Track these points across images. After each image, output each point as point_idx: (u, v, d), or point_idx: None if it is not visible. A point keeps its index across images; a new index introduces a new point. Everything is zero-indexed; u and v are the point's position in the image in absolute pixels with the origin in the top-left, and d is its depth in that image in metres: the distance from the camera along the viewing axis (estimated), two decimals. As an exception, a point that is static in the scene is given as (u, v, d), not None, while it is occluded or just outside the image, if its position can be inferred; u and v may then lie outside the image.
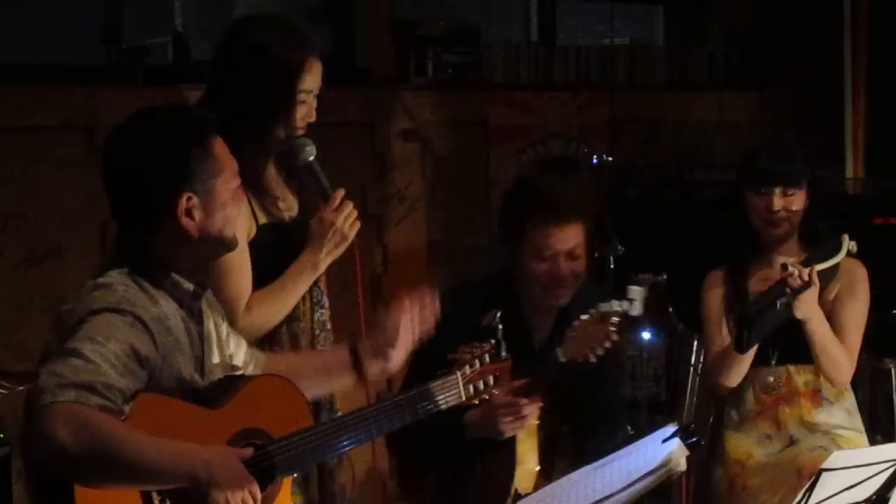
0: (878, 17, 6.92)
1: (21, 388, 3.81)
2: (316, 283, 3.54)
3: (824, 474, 2.86)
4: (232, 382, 2.94)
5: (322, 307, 3.57)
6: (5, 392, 3.93)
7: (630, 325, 4.15)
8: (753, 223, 4.26)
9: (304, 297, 3.51)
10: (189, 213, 2.86)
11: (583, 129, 6.77)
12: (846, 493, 2.89)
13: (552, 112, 6.71)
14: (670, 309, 5.38)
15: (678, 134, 7.02)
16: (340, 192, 3.45)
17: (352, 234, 3.42)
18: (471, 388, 3.21)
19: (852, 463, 2.90)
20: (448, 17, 6.67)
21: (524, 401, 3.76)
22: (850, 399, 4.27)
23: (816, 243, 4.26)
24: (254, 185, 3.40)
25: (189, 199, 2.86)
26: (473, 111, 6.51)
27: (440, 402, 3.16)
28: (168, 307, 2.86)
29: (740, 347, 4.06)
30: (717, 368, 4.25)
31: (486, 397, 3.27)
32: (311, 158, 3.44)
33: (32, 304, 5.11)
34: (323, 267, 3.45)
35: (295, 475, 3.07)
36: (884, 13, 6.89)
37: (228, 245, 2.97)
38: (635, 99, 6.98)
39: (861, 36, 6.94)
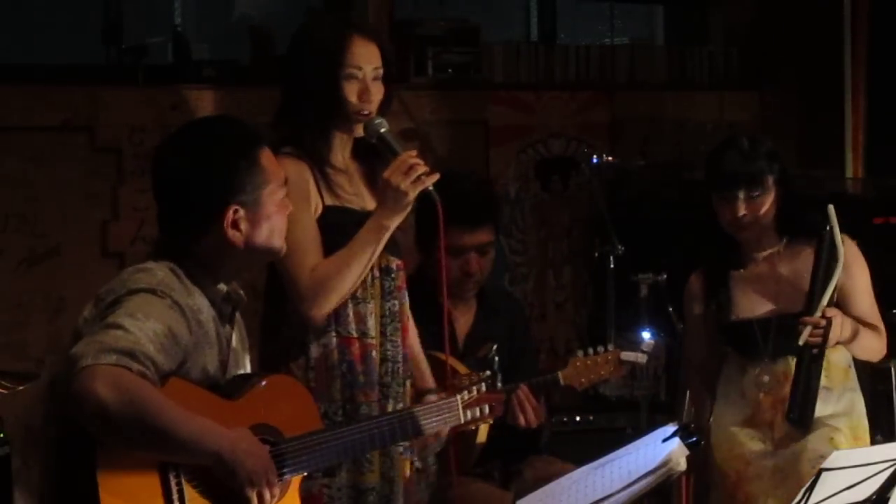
0: (878, 17, 6.91)
1: (21, 387, 3.81)
2: (389, 273, 3.55)
3: (824, 474, 2.86)
4: (248, 378, 3.00)
5: (395, 299, 3.56)
6: (5, 392, 3.93)
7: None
8: (722, 225, 4.10)
9: (374, 282, 3.52)
10: (235, 224, 2.92)
11: (583, 129, 6.77)
12: (846, 492, 2.89)
13: (552, 112, 6.71)
14: (670, 309, 5.36)
15: (678, 134, 7.01)
16: (404, 154, 3.42)
17: (413, 193, 3.36)
18: (468, 413, 3.35)
19: (852, 463, 2.90)
20: (448, 17, 6.67)
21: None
22: (851, 377, 4.10)
23: (795, 234, 4.11)
24: (319, 165, 3.47)
25: (236, 211, 2.91)
26: (473, 111, 6.51)
27: (441, 421, 3.31)
28: (202, 303, 2.90)
29: (804, 428, 3.97)
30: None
31: (480, 424, 3.43)
32: (383, 130, 3.47)
33: (32, 303, 5.11)
34: (387, 225, 3.40)
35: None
36: (884, 13, 6.88)
37: (275, 254, 3.03)
38: (635, 99, 6.98)
39: (861, 36, 6.93)
